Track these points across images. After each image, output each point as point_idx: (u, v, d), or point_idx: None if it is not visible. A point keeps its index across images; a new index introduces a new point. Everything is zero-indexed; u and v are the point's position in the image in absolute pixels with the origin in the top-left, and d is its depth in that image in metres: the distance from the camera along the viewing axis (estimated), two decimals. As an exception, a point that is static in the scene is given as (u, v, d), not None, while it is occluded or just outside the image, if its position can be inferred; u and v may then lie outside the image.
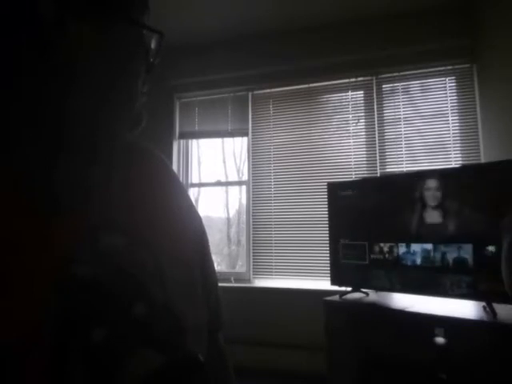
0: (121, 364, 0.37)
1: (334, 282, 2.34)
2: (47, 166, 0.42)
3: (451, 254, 1.86)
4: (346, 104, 3.16)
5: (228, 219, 3.64)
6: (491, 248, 1.73)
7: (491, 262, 1.71)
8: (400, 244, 2.05)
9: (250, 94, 3.40)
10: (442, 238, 1.90)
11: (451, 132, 2.87)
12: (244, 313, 2.94)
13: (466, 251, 1.81)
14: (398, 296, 2.17)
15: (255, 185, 3.32)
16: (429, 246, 1.94)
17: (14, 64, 0.40)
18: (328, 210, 2.40)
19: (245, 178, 3.43)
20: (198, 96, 3.55)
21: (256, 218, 3.29)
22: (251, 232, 3.27)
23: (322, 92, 3.24)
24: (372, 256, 2.16)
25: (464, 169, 2.13)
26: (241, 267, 3.41)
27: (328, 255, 2.39)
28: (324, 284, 2.78)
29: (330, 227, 2.38)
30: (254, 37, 3.29)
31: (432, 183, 1.98)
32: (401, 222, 2.06)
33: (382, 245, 2.12)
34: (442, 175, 1.98)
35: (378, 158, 3.00)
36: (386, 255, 2.10)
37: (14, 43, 0.39)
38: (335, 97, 3.21)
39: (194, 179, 3.65)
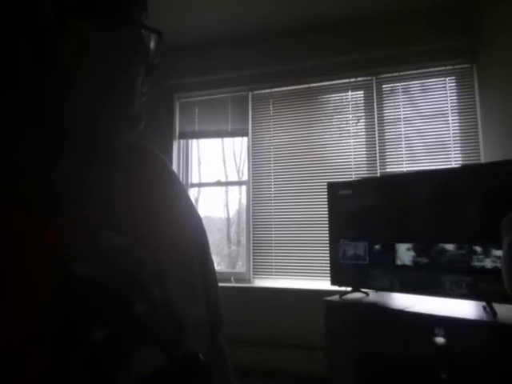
0: (121, 364, 0.37)
1: (333, 282, 2.34)
2: (47, 165, 0.42)
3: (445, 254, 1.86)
4: (346, 104, 3.16)
5: (228, 219, 3.64)
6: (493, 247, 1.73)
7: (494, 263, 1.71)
8: (400, 244, 2.05)
9: (250, 94, 3.40)
10: (441, 238, 1.90)
11: (451, 132, 2.87)
12: (244, 313, 2.94)
13: (466, 250, 1.81)
14: (398, 296, 2.17)
15: (255, 185, 3.32)
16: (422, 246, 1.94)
17: (14, 64, 0.40)
18: (328, 210, 2.40)
19: (245, 178, 3.43)
20: (198, 96, 3.55)
21: (256, 217, 3.29)
22: (251, 232, 3.27)
23: (322, 92, 3.24)
24: (372, 256, 2.16)
25: (464, 169, 2.13)
26: (241, 267, 3.41)
27: (328, 255, 2.39)
28: (324, 284, 2.78)
29: (329, 227, 2.38)
30: (254, 37, 3.29)
31: (432, 183, 1.98)
32: (401, 222, 2.06)
33: (382, 244, 2.12)
34: (442, 175, 1.98)
35: (378, 158, 3.00)
36: (386, 255, 2.10)
37: (13, 43, 0.39)
38: (335, 97, 3.22)
39: (194, 179, 3.65)
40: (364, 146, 3.07)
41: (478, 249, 1.77)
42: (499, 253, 1.63)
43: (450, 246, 1.87)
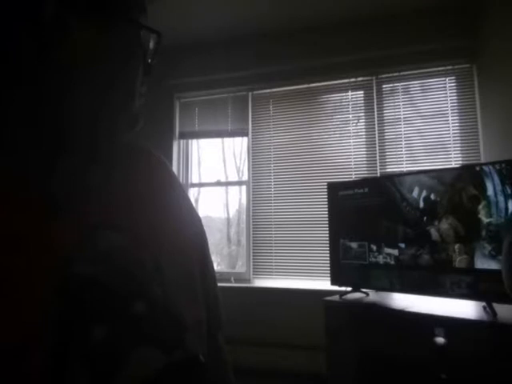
0: (121, 363, 0.37)
1: (333, 282, 2.34)
2: (47, 166, 0.42)
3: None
4: (346, 104, 3.16)
5: (228, 219, 3.64)
6: (489, 247, 1.73)
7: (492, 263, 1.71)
8: (400, 244, 2.05)
9: (250, 94, 3.40)
10: (441, 237, 1.90)
11: (451, 132, 2.87)
12: (244, 313, 2.94)
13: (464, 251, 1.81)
14: (398, 296, 2.17)
15: (255, 185, 3.32)
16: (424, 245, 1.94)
17: (15, 64, 0.40)
18: (328, 210, 2.40)
19: (245, 178, 3.43)
20: (198, 96, 3.55)
21: (256, 218, 3.29)
22: (251, 232, 3.27)
23: (322, 92, 3.24)
24: (372, 256, 2.16)
25: (464, 169, 2.13)
26: (241, 267, 3.41)
27: (328, 255, 2.39)
28: (324, 284, 2.78)
29: (329, 227, 2.38)
30: (254, 37, 3.29)
31: (432, 183, 1.98)
32: (401, 222, 2.06)
33: (382, 245, 2.12)
34: (442, 175, 1.98)
35: (378, 158, 3.00)
36: (386, 255, 2.10)
37: (14, 43, 0.39)
38: (335, 97, 3.21)
39: (194, 179, 3.65)
40: (364, 146, 3.06)
41: (477, 248, 1.77)
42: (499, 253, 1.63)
43: (449, 246, 1.87)
